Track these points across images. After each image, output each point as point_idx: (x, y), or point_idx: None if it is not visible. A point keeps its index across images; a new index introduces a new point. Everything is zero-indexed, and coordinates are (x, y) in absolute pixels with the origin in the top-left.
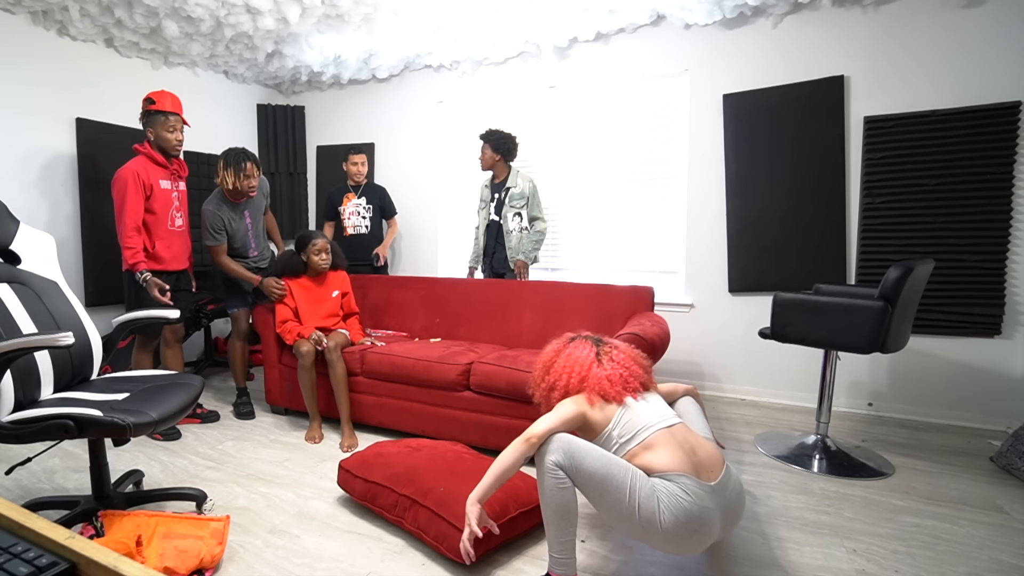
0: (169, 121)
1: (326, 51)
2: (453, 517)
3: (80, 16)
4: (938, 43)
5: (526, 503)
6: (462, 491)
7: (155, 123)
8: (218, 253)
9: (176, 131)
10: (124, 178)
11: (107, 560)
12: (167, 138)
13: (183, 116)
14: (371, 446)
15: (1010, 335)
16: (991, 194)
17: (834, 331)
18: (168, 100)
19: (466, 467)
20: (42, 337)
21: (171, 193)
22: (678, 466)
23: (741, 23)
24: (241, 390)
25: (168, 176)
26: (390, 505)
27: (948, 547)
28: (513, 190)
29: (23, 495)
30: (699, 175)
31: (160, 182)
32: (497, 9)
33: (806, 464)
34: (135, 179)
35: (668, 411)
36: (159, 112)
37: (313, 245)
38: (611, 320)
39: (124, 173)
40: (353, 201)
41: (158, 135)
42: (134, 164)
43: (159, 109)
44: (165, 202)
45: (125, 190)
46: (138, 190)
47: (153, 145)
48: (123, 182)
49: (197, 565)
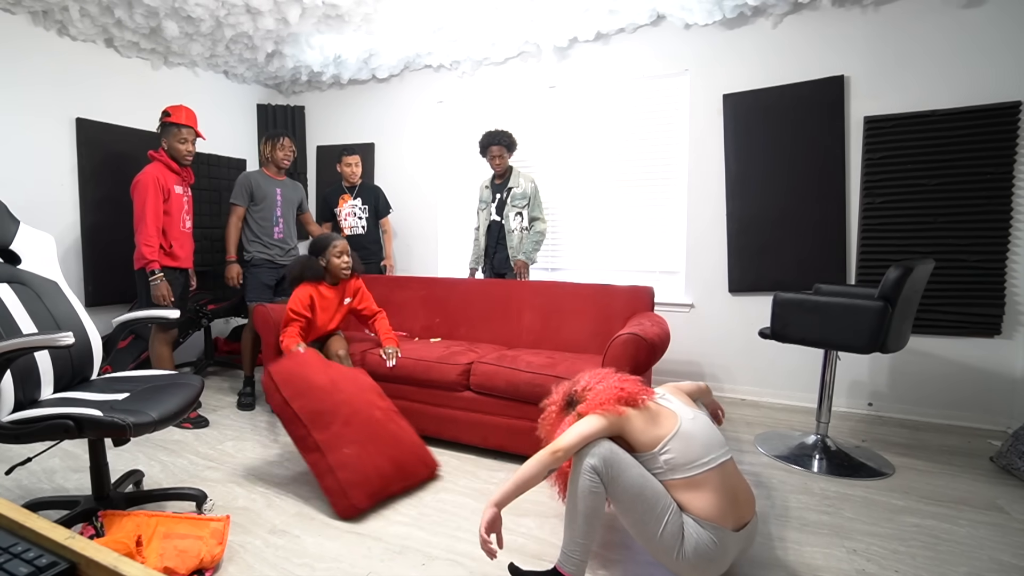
0: (181, 133)
1: (326, 51)
2: (347, 481)
3: (80, 16)
4: (938, 43)
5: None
6: (366, 456)
7: (169, 134)
8: (232, 213)
9: (187, 142)
10: (146, 182)
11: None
12: (178, 149)
13: (198, 129)
14: (297, 356)
15: (1010, 335)
16: (991, 194)
17: (834, 331)
18: (183, 114)
19: (378, 431)
20: (42, 337)
21: (182, 197)
22: (716, 516)
23: (741, 23)
24: (247, 379)
25: (180, 182)
26: (299, 437)
27: (948, 547)
28: (515, 190)
29: (23, 495)
30: (699, 175)
31: (174, 187)
32: (497, 9)
33: (806, 464)
34: (155, 183)
35: (719, 438)
36: (173, 124)
37: (334, 247)
38: (611, 320)
39: (145, 178)
40: (349, 202)
41: (171, 145)
42: (153, 169)
43: (174, 121)
44: (178, 205)
45: (147, 193)
46: (158, 193)
47: (168, 153)
48: (144, 186)
49: (197, 565)
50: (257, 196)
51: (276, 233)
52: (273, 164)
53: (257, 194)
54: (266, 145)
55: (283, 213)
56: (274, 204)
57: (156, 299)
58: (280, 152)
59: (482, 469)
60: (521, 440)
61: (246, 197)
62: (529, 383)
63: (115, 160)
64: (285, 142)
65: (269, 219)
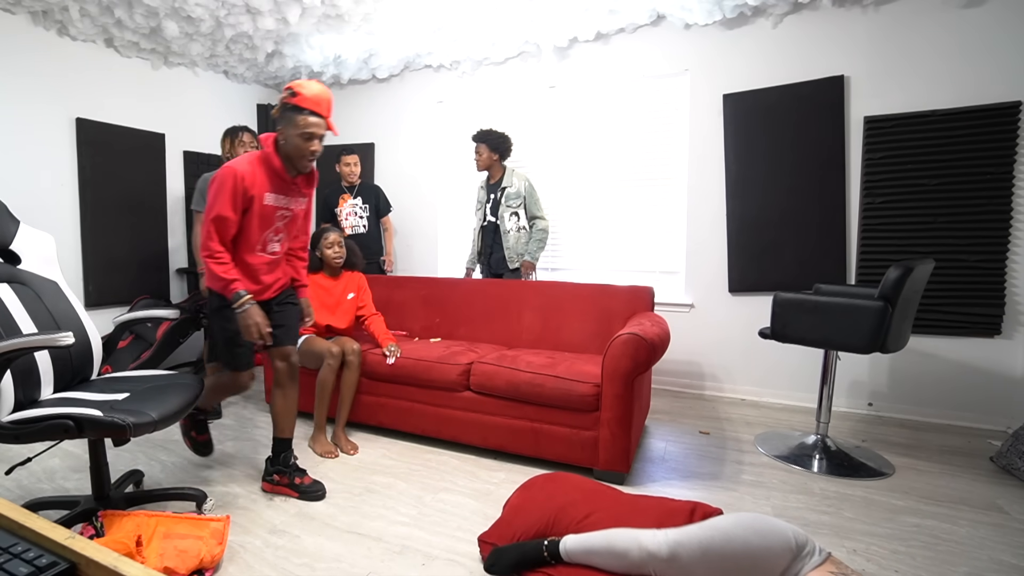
0: (309, 123)
1: (326, 51)
2: None
3: (80, 16)
4: (938, 43)
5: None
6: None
7: (290, 121)
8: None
9: (314, 140)
10: (222, 178)
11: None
12: (299, 147)
13: (330, 121)
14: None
15: (1010, 335)
16: (991, 194)
17: (834, 331)
18: (317, 97)
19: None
20: (42, 337)
21: (275, 212)
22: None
23: (741, 23)
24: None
25: (280, 189)
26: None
27: (948, 547)
28: (509, 190)
29: (23, 495)
30: (699, 175)
31: (266, 195)
32: (497, 9)
33: (806, 464)
34: (234, 181)
35: None
36: (298, 109)
37: (325, 239)
38: (611, 320)
39: (224, 172)
40: (349, 202)
41: (288, 138)
42: (243, 163)
43: (300, 104)
44: (263, 221)
45: (218, 193)
46: (233, 196)
47: (280, 148)
48: (220, 182)
49: (197, 565)
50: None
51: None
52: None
53: None
54: (225, 142)
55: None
56: None
57: (245, 332)
58: (241, 149)
59: (482, 469)
60: (521, 440)
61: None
62: (529, 383)
63: (115, 160)
64: (245, 137)
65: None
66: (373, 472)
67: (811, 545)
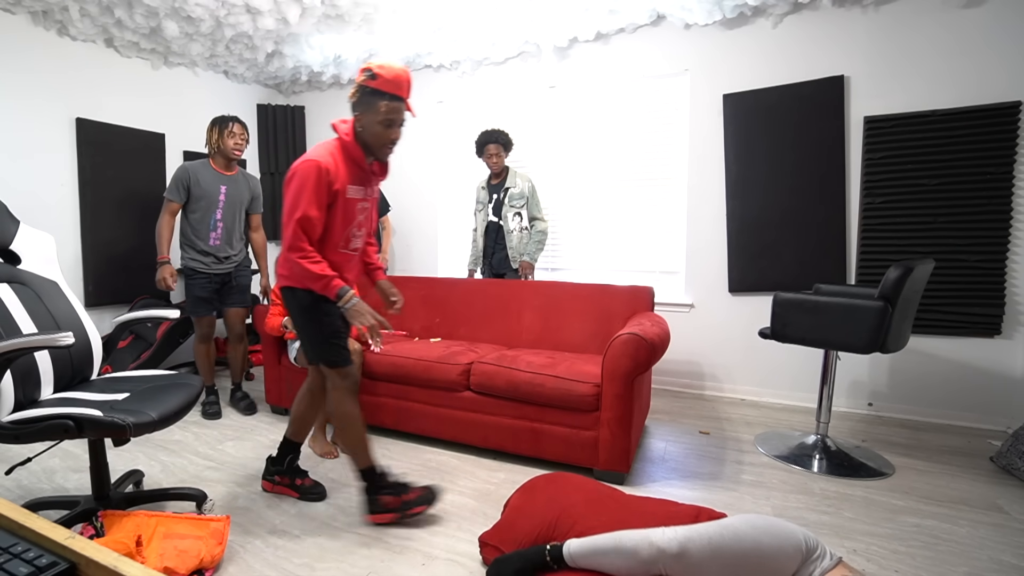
0: (393, 108)
1: (326, 51)
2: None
3: (80, 16)
4: (938, 43)
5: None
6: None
7: (370, 107)
8: (165, 210)
9: (395, 126)
10: (305, 173)
11: (107, 560)
12: (380, 135)
13: (409, 103)
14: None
15: (1010, 335)
16: (991, 194)
17: (834, 331)
18: (399, 80)
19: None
20: (42, 337)
21: (357, 204)
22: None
23: (741, 23)
24: (209, 388)
25: (361, 180)
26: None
27: (948, 547)
28: (512, 190)
29: (23, 495)
30: (699, 175)
31: (348, 188)
32: (497, 9)
33: (806, 464)
34: (319, 175)
35: None
36: (379, 92)
37: None
38: (611, 320)
39: (306, 168)
40: None
41: (367, 125)
42: (324, 154)
43: (380, 88)
44: (347, 215)
45: (301, 189)
46: (319, 191)
47: (358, 135)
48: (303, 177)
49: (197, 565)
50: (195, 193)
51: (212, 239)
52: (221, 155)
53: (195, 191)
54: (212, 131)
55: (224, 216)
56: (214, 205)
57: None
58: (230, 140)
59: (482, 469)
60: (521, 440)
61: (182, 193)
62: (529, 383)
63: (115, 160)
64: (235, 128)
65: (205, 222)
66: None
67: (821, 548)
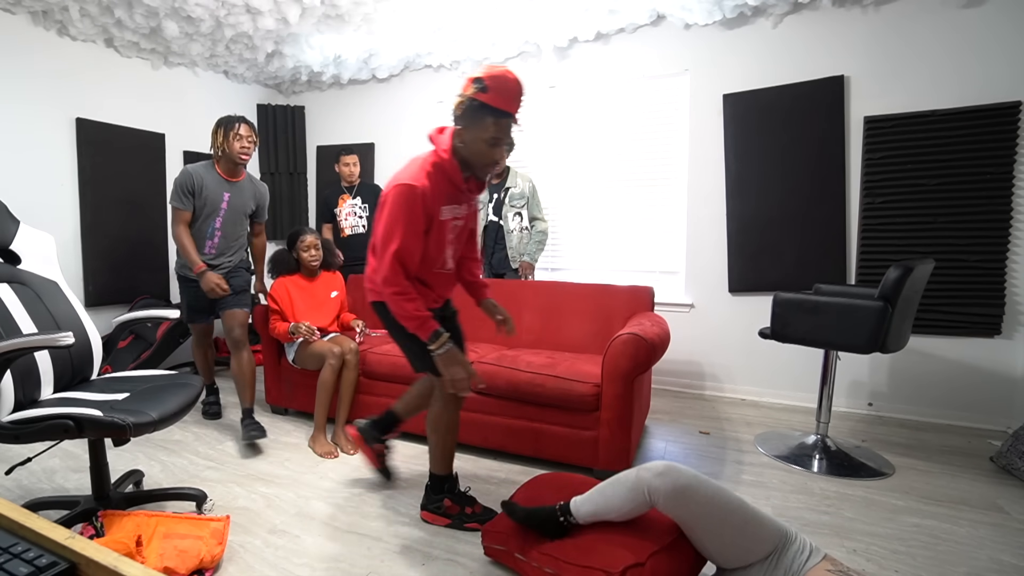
0: (502, 126)
1: (326, 51)
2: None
3: (80, 16)
4: (938, 43)
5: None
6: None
7: (476, 122)
8: (176, 220)
9: (499, 146)
10: (403, 198)
11: (107, 560)
12: (484, 154)
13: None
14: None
15: (1010, 335)
16: (991, 194)
17: (834, 331)
18: (510, 93)
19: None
20: (42, 337)
21: (449, 223)
22: None
23: (741, 23)
24: (209, 387)
25: (458, 199)
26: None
27: (948, 547)
28: (513, 190)
29: (23, 495)
30: (699, 175)
31: (442, 209)
32: (497, 9)
33: (806, 464)
34: (416, 201)
35: None
36: (489, 108)
37: (302, 241)
38: (611, 320)
39: (402, 191)
40: (349, 202)
41: (469, 142)
42: (419, 174)
43: (491, 104)
44: (440, 237)
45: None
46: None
47: (457, 150)
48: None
49: (197, 565)
50: (198, 202)
51: (208, 247)
52: (227, 159)
53: (198, 200)
54: (217, 133)
55: (223, 224)
56: (215, 213)
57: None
58: (237, 143)
59: (482, 469)
60: (521, 440)
61: (189, 199)
62: (529, 383)
63: (115, 160)
64: (243, 129)
65: (202, 230)
66: (373, 472)
67: (803, 542)
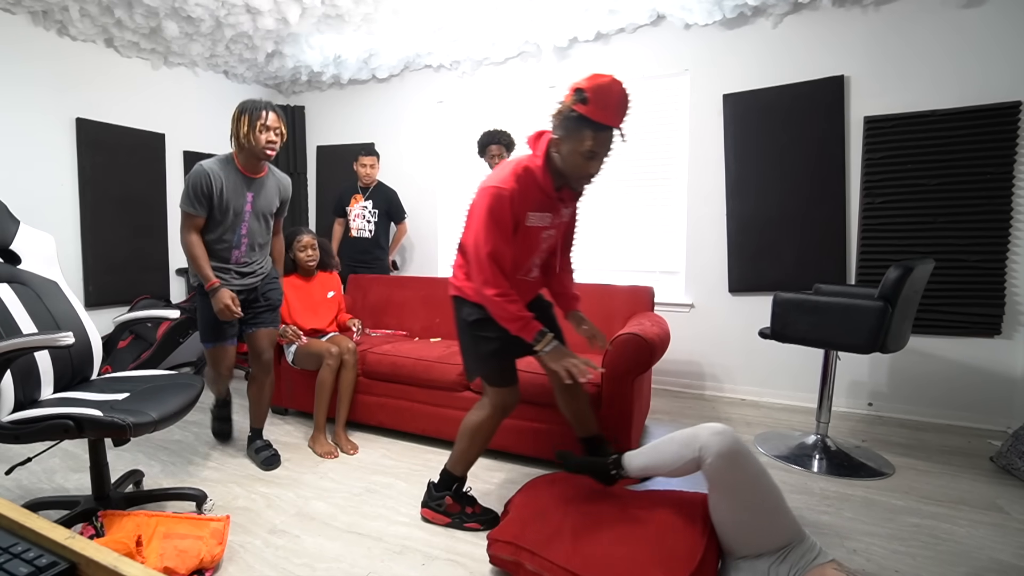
0: (600, 140)
1: (326, 51)
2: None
3: (80, 16)
4: (938, 43)
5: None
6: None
7: (572, 133)
8: (187, 226)
9: (597, 159)
10: (493, 201)
11: (107, 560)
12: (580, 167)
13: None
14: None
15: (1010, 335)
16: (991, 194)
17: (834, 331)
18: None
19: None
20: (42, 337)
21: (540, 232)
22: None
23: (741, 23)
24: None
25: (546, 206)
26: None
27: (948, 547)
28: None
29: (23, 495)
30: (699, 175)
31: (529, 216)
32: (497, 9)
33: (806, 464)
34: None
35: None
36: (588, 122)
37: (298, 241)
38: (611, 320)
39: (490, 194)
40: (360, 203)
41: (566, 154)
42: (508, 177)
43: (591, 117)
44: (530, 243)
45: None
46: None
47: (551, 160)
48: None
49: (197, 565)
50: (218, 207)
51: (235, 256)
52: (251, 154)
53: (219, 204)
54: (241, 122)
55: (250, 230)
56: (240, 218)
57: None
58: (263, 135)
59: (482, 469)
60: (521, 440)
61: (203, 204)
62: (529, 383)
63: (115, 160)
64: (271, 119)
65: (228, 240)
66: (373, 472)
67: (812, 542)
